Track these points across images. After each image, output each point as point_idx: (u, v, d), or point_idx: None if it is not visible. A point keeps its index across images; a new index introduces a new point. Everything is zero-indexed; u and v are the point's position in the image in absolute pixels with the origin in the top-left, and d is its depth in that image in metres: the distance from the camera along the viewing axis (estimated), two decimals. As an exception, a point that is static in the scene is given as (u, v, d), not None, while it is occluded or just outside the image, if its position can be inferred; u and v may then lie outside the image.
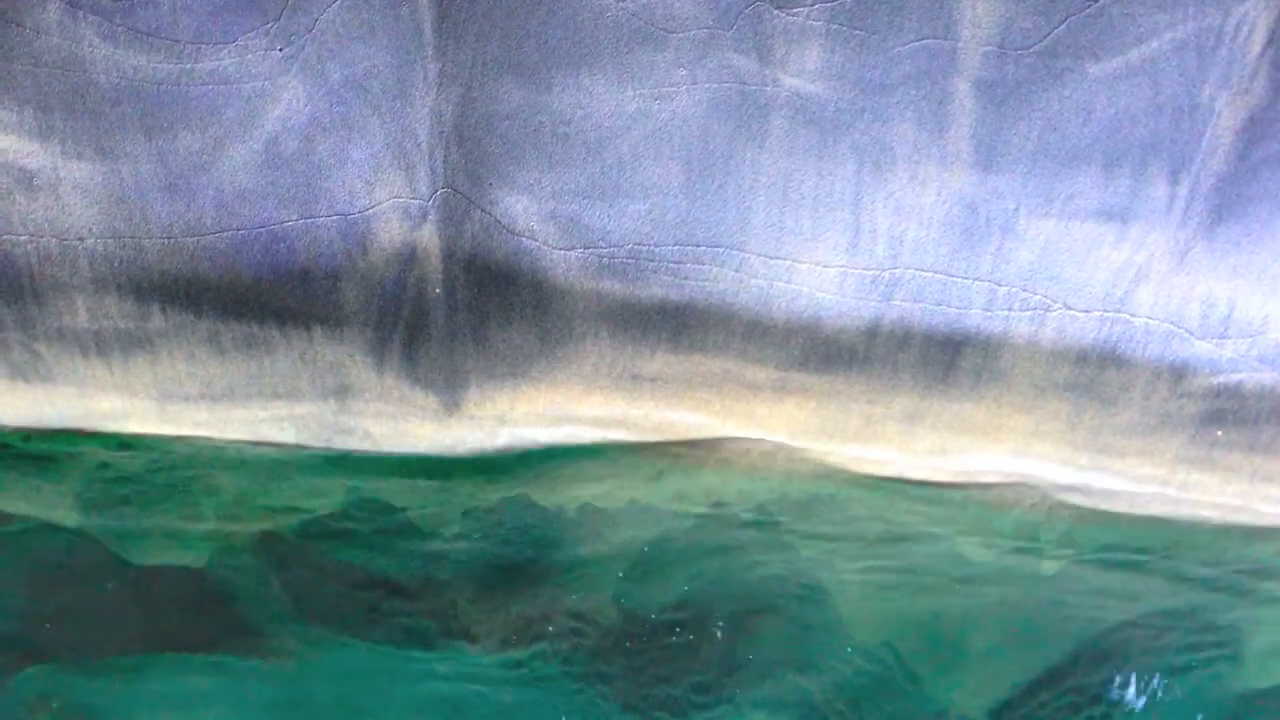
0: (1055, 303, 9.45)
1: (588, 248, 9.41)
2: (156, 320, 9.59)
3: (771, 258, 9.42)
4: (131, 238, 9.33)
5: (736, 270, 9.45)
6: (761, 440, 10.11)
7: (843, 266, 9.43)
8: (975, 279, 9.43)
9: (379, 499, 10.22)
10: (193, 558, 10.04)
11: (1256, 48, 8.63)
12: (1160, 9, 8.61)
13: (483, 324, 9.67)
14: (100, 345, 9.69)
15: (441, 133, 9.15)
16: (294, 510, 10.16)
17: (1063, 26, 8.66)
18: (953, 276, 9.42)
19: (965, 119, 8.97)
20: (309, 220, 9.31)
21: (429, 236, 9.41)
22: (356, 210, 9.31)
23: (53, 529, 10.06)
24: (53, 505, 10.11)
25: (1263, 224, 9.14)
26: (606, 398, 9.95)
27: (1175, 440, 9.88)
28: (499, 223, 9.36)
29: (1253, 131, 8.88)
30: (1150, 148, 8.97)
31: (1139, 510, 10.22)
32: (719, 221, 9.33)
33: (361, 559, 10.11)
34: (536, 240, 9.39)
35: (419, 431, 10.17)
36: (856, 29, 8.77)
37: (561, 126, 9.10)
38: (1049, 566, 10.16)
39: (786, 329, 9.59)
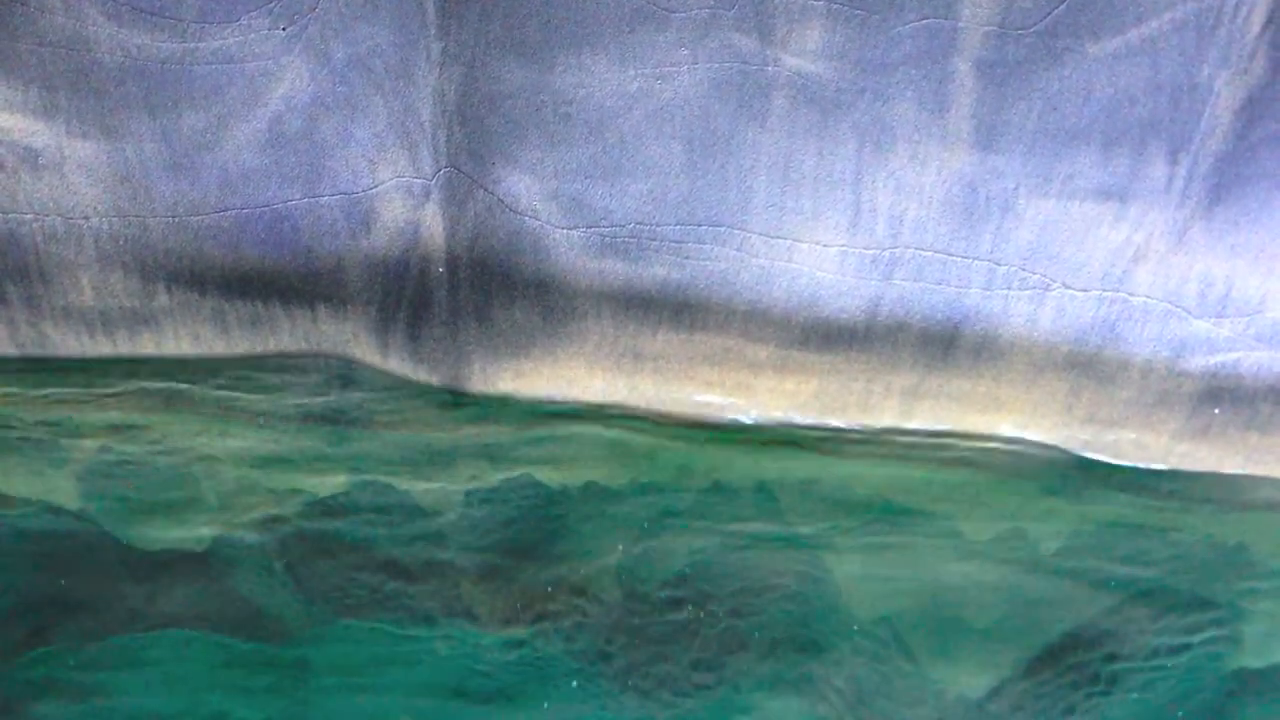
0: (1054, 282, 9.48)
1: (590, 227, 9.45)
2: (161, 298, 9.63)
3: (772, 237, 9.45)
4: (136, 216, 9.36)
5: (738, 249, 9.48)
6: (762, 419, 10.13)
7: (843, 246, 9.46)
8: (975, 258, 9.46)
9: (381, 480, 10.22)
10: (195, 540, 10.04)
11: (1255, 28, 8.65)
12: (1159, -11, 8.67)
13: (485, 303, 9.70)
14: (106, 324, 9.73)
15: (444, 112, 9.18)
16: (296, 491, 10.17)
17: (1062, 6, 8.68)
18: (952, 256, 9.45)
19: (966, 99, 9.00)
20: (313, 199, 9.34)
21: (432, 215, 9.44)
22: (360, 189, 9.34)
23: (56, 511, 10.06)
24: (55, 488, 10.11)
25: (1261, 203, 9.16)
26: (608, 376, 9.98)
27: (1173, 418, 9.91)
28: (501, 202, 9.39)
29: (1251, 111, 8.91)
30: (1149, 127, 8.99)
31: (1137, 488, 10.25)
32: (720, 201, 9.36)
33: (364, 540, 10.12)
34: (539, 219, 9.43)
35: (422, 411, 10.20)
36: (857, 9, 8.79)
37: (564, 106, 9.13)
38: (1048, 546, 10.18)
39: (787, 308, 9.62)
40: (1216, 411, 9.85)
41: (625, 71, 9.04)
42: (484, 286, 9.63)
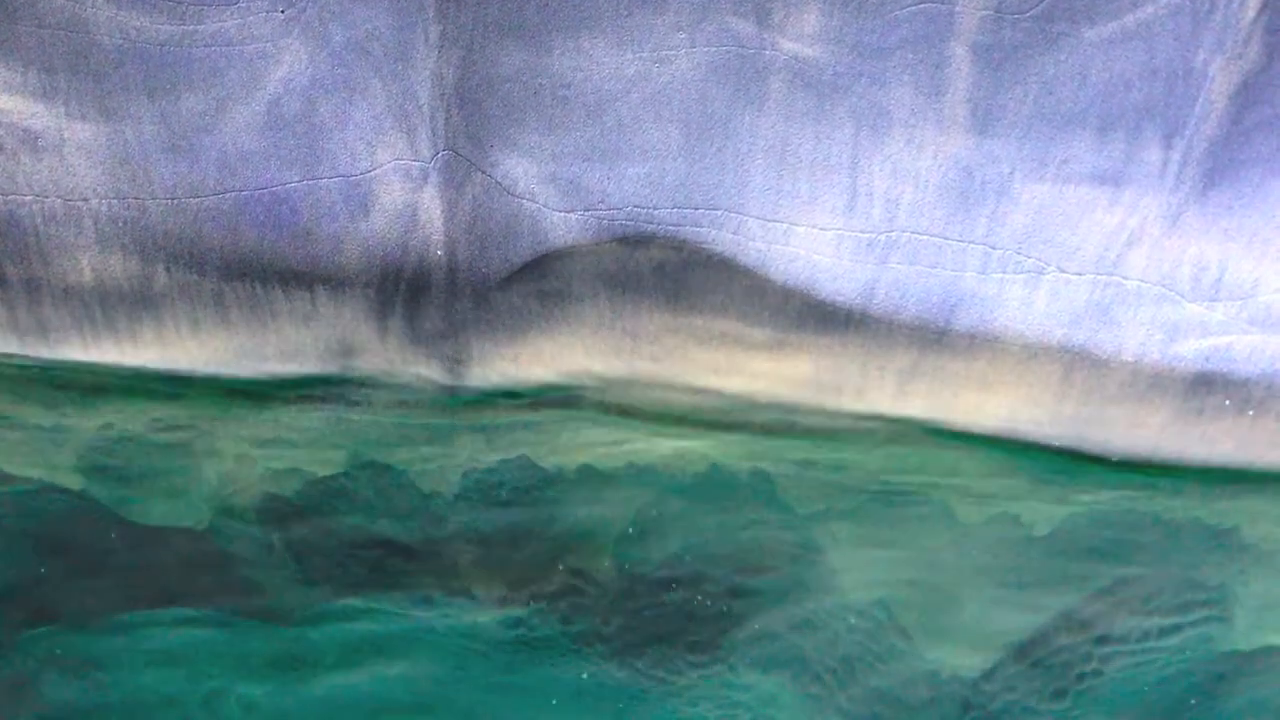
0: (1049, 265, 9.51)
1: (587, 210, 9.47)
2: (161, 281, 9.66)
3: (769, 220, 9.48)
4: (135, 198, 9.39)
5: (734, 233, 9.51)
6: (759, 402, 10.18)
7: (839, 229, 9.49)
8: (970, 242, 9.49)
9: (380, 460, 10.27)
10: (195, 518, 10.10)
11: (1251, 13, 8.66)
12: (1155, -27, 8.67)
13: (483, 285, 9.73)
14: (105, 305, 9.77)
15: (442, 95, 9.20)
16: (295, 471, 10.22)
17: (1058, -9, 8.71)
18: (948, 239, 9.48)
19: (962, 83, 9.02)
20: (311, 181, 9.37)
21: (430, 198, 9.47)
22: (358, 172, 9.37)
23: (57, 490, 10.12)
24: (56, 467, 10.17)
25: (1254, 188, 9.19)
26: (605, 359, 10.02)
27: (1166, 401, 9.95)
28: (499, 185, 9.42)
29: (1246, 96, 8.92)
30: (1144, 112, 9.01)
31: (1130, 471, 10.30)
32: (717, 184, 9.39)
33: (362, 519, 10.18)
34: (536, 202, 9.45)
35: (420, 392, 10.25)
36: (854, -7, 8.82)
37: (561, 89, 9.14)
38: (1041, 527, 10.23)
39: (784, 291, 9.65)
40: (1209, 395, 9.88)
41: (623, 55, 9.05)
42: (481, 270, 9.67)
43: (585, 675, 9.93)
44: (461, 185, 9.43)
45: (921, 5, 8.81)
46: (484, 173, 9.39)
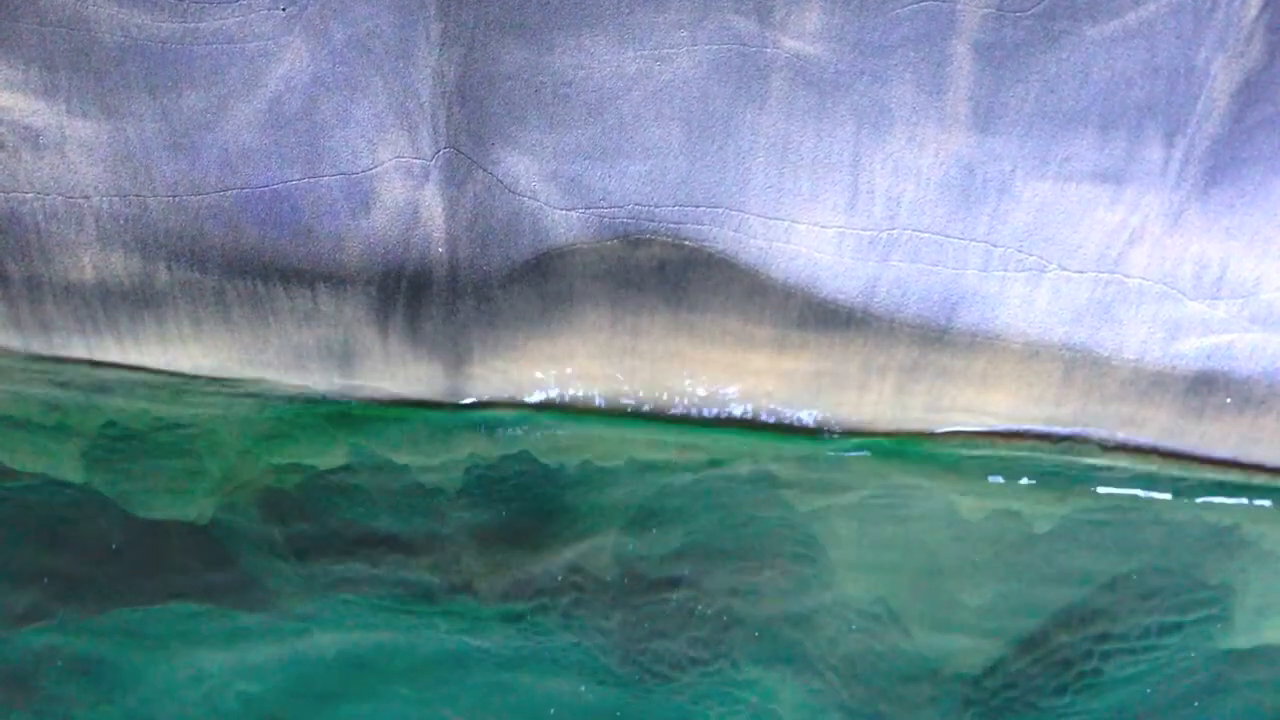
0: (1050, 263, 9.51)
1: (589, 208, 9.47)
2: (162, 278, 9.67)
3: (770, 218, 9.48)
4: (137, 196, 9.40)
5: (736, 231, 9.51)
6: (759, 400, 10.18)
7: (841, 227, 9.48)
8: (972, 240, 9.48)
9: (382, 457, 10.28)
10: (197, 514, 10.10)
11: (1252, 11, 8.64)
12: (1157, -29, 8.66)
13: (484, 284, 9.74)
14: (107, 304, 9.77)
15: (444, 93, 9.20)
16: (297, 467, 10.23)
17: (1060, -11, 8.70)
18: (949, 237, 9.48)
19: (963, 81, 9.01)
20: (313, 179, 9.37)
21: (431, 196, 9.46)
22: (359, 169, 9.37)
23: (59, 485, 10.12)
24: (59, 462, 10.17)
25: (1256, 186, 9.18)
26: (607, 356, 10.02)
27: (1167, 399, 9.95)
28: (501, 182, 9.42)
29: (1248, 94, 8.91)
30: (1146, 110, 9.00)
31: (1131, 468, 10.30)
32: (718, 182, 9.39)
33: (364, 515, 10.18)
34: (538, 200, 9.45)
35: (421, 390, 10.25)
36: (856, -9, 8.81)
37: (563, 87, 9.14)
38: (1042, 524, 10.23)
39: (785, 289, 9.65)
40: (1210, 393, 9.88)
41: (624, 53, 9.04)
42: (483, 267, 9.67)
43: (587, 672, 9.92)
44: (463, 183, 9.43)
45: (923, 3, 8.80)
46: (485, 170, 9.38)
